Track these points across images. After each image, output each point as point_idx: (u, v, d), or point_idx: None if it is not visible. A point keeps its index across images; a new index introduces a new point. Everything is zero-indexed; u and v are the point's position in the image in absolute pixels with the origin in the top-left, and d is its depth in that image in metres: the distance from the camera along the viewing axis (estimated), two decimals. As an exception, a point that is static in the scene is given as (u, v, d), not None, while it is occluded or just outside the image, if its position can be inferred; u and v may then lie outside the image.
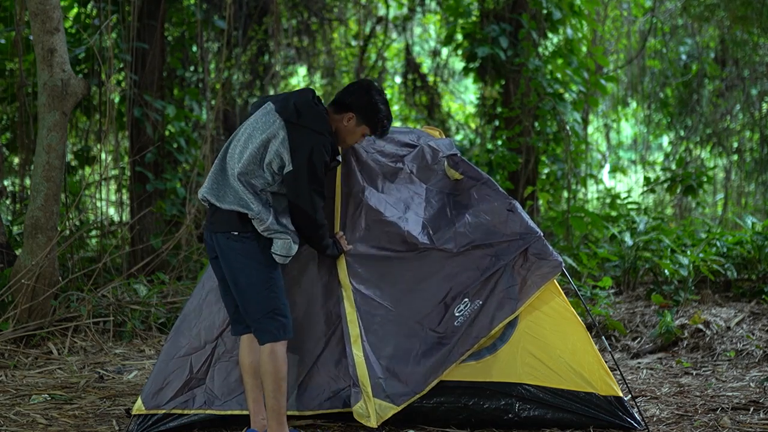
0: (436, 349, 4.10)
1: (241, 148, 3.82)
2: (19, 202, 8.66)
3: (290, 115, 3.80)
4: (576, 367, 4.17)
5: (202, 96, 10.28)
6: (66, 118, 5.98)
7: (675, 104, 13.38)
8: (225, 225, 3.81)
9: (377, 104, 3.92)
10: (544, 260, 4.20)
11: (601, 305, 6.83)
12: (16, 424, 4.27)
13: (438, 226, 4.27)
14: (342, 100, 3.95)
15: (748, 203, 13.34)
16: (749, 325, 6.33)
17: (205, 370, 4.14)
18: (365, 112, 3.92)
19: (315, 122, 3.81)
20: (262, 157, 3.77)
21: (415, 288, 4.19)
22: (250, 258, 3.78)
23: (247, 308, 3.81)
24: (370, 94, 3.92)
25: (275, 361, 3.78)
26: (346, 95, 3.95)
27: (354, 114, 3.92)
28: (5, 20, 8.36)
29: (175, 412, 4.08)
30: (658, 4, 12.16)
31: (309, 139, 3.76)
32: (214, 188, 3.84)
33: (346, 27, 13.47)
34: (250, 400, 3.95)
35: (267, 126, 3.81)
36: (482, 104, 11.55)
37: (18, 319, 5.90)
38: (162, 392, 4.09)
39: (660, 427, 4.27)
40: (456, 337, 4.10)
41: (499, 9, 10.30)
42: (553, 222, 9.71)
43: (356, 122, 3.93)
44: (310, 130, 3.78)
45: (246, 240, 3.78)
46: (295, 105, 3.82)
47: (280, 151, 3.76)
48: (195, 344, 4.16)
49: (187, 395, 4.11)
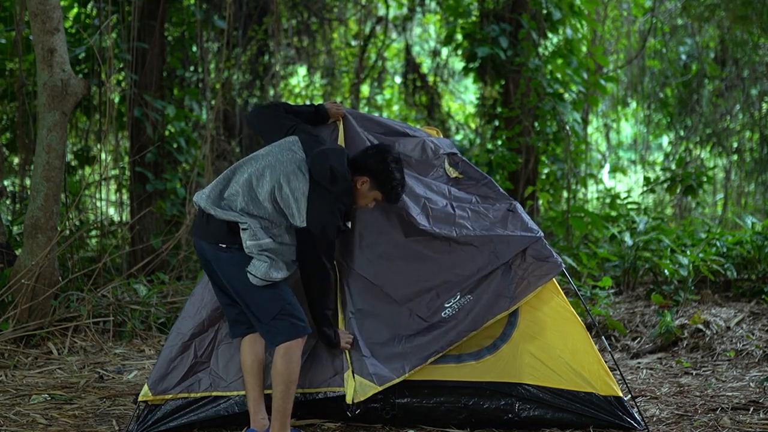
0: (421, 335, 4.11)
1: (255, 180, 3.79)
2: (19, 202, 8.66)
3: (322, 178, 3.78)
4: (576, 367, 4.17)
5: (202, 96, 10.28)
6: (66, 118, 5.98)
7: (675, 104, 13.38)
8: (213, 237, 3.80)
9: (393, 172, 3.92)
10: (543, 261, 4.20)
11: (601, 305, 6.83)
12: (16, 424, 4.27)
13: (438, 215, 4.27)
14: (359, 162, 3.93)
15: (748, 203, 13.34)
16: (749, 325, 6.33)
17: (209, 353, 4.14)
18: (380, 178, 3.92)
19: (344, 194, 3.83)
20: (274, 197, 3.77)
21: (409, 271, 4.19)
22: (241, 267, 3.77)
23: (253, 314, 3.81)
24: (386, 161, 3.91)
25: (289, 363, 3.76)
26: (363, 158, 3.94)
27: (369, 179, 3.92)
28: (5, 20, 8.36)
29: (182, 396, 4.07)
30: (658, 4, 12.16)
31: (330, 206, 3.78)
32: (215, 199, 3.82)
33: (346, 27, 13.46)
34: (251, 399, 3.93)
35: (292, 174, 3.79)
36: (482, 104, 11.55)
37: (18, 319, 5.90)
38: (168, 377, 4.08)
39: (660, 427, 4.27)
40: (442, 328, 4.10)
41: (499, 9, 10.31)
42: (553, 222, 9.72)
43: (370, 186, 3.94)
44: (335, 198, 3.80)
45: (234, 251, 3.77)
46: (332, 169, 3.79)
47: (297, 198, 3.76)
48: (198, 328, 4.15)
49: (192, 379, 4.10)
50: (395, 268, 4.20)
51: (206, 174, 8.47)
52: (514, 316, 4.21)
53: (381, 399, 4.17)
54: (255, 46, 11.66)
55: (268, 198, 3.77)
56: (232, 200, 3.79)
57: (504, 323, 4.21)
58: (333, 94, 13.32)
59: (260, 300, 3.77)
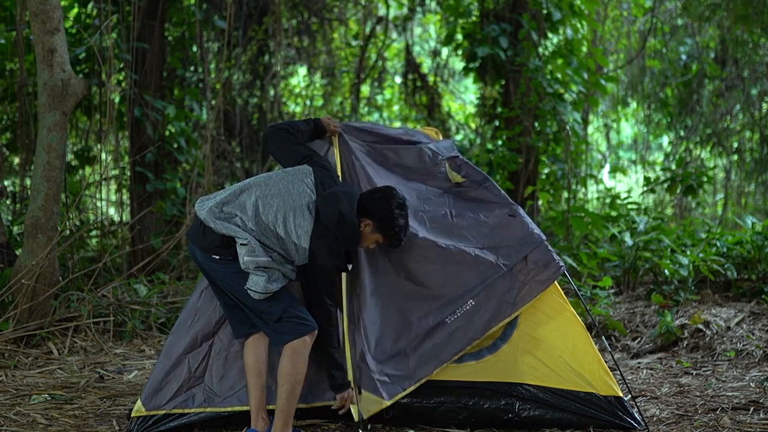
0: (426, 342, 4.10)
1: (262, 205, 3.80)
2: (20, 202, 8.66)
3: (330, 221, 3.79)
4: (576, 367, 4.17)
5: (202, 96, 10.29)
6: (66, 118, 5.98)
7: (675, 104, 13.38)
8: (207, 247, 3.82)
9: (396, 219, 3.92)
10: (544, 266, 4.19)
11: (601, 305, 6.83)
12: (16, 424, 4.27)
13: (438, 227, 4.27)
14: (364, 204, 3.93)
15: (748, 203, 13.33)
16: (749, 325, 6.33)
17: (203, 369, 4.14)
18: (383, 223, 3.92)
19: (348, 240, 3.84)
20: (277, 227, 3.79)
21: (414, 277, 4.18)
22: (235, 276, 3.78)
23: (256, 317, 3.83)
24: (391, 207, 3.91)
25: (296, 363, 3.78)
26: (369, 201, 3.94)
27: (371, 222, 3.92)
28: (6, 20, 8.37)
29: (175, 412, 4.08)
30: (658, 4, 12.16)
31: (332, 248, 3.80)
32: (217, 212, 3.82)
33: (346, 27, 13.46)
34: (252, 399, 3.94)
35: (299, 210, 3.80)
36: (482, 104, 11.55)
37: (18, 319, 5.90)
38: (161, 393, 4.09)
39: (660, 427, 4.28)
40: (444, 334, 4.10)
41: (499, 9, 10.30)
42: (553, 222, 9.72)
43: (372, 229, 3.94)
44: (339, 242, 3.81)
45: (227, 262, 3.79)
46: (341, 215, 3.79)
47: (300, 236, 3.78)
48: (192, 343, 4.16)
49: (186, 394, 4.11)
50: (400, 281, 4.20)
51: (206, 174, 8.47)
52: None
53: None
54: (255, 46, 11.65)
55: (272, 225, 3.78)
56: (234, 216, 3.79)
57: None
58: (333, 94, 13.31)
59: (261, 306, 3.79)
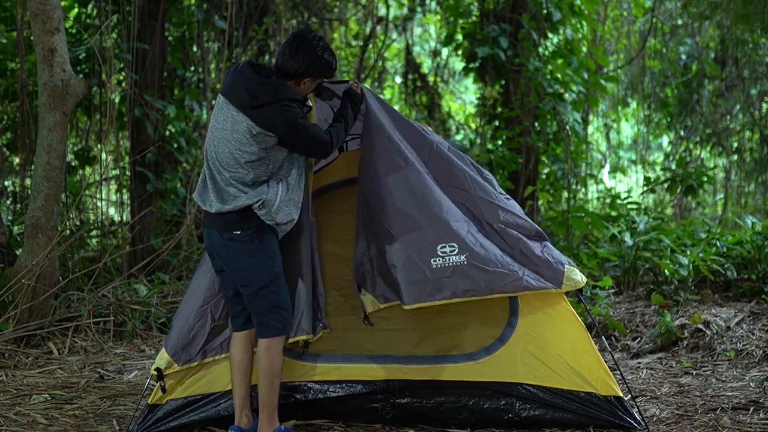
0: (416, 276, 3.98)
1: (216, 152, 3.82)
2: (20, 202, 8.67)
3: (243, 101, 3.75)
4: (576, 367, 4.17)
5: (202, 96, 10.29)
6: (66, 118, 5.99)
7: (675, 104, 13.39)
8: (227, 225, 3.82)
9: (327, 61, 3.86)
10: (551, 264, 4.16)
11: (601, 305, 6.83)
12: (16, 424, 4.28)
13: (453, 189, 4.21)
14: (292, 70, 3.84)
15: (748, 203, 13.34)
16: (749, 325, 6.33)
17: (225, 315, 4.14)
18: (318, 70, 3.88)
19: (280, 93, 3.76)
20: (238, 155, 3.77)
21: (418, 203, 4.07)
22: (251, 256, 3.81)
23: (251, 303, 3.87)
24: (315, 52, 3.82)
25: (270, 357, 3.83)
26: (293, 64, 3.82)
27: (309, 77, 3.89)
28: (6, 20, 8.37)
29: (208, 360, 4.11)
30: (658, 4, 12.16)
31: (276, 110, 3.74)
32: (209, 195, 3.85)
33: (346, 27, 13.46)
34: (237, 397, 3.97)
35: (229, 123, 3.79)
36: (482, 104, 11.55)
37: (18, 319, 5.90)
38: (191, 346, 4.11)
39: (660, 427, 4.28)
40: (429, 274, 3.97)
41: (499, 9, 10.31)
42: (553, 222, 9.72)
43: (312, 81, 3.93)
44: (277, 102, 3.74)
45: (247, 239, 3.81)
46: (246, 89, 3.76)
47: (254, 136, 3.75)
48: (210, 292, 4.15)
49: (214, 342, 4.13)
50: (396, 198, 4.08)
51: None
52: (514, 317, 4.21)
53: (381, 399, 4.18)
54: (255, 46, 11.65)
55: (233, 160, 3.77)
56: (225, 192, 3.81)
57: (504, 323, 4.21)
58: (333, 94, 13.29)
59: (262, 291, 3.83)
